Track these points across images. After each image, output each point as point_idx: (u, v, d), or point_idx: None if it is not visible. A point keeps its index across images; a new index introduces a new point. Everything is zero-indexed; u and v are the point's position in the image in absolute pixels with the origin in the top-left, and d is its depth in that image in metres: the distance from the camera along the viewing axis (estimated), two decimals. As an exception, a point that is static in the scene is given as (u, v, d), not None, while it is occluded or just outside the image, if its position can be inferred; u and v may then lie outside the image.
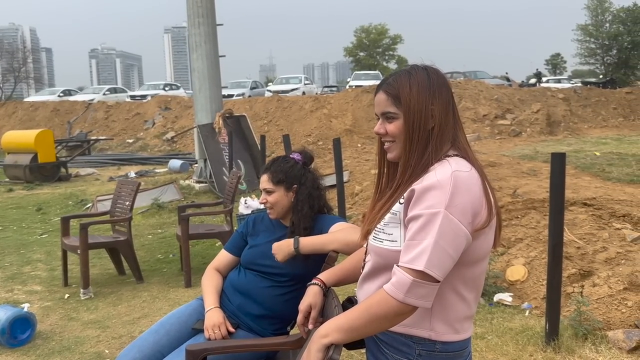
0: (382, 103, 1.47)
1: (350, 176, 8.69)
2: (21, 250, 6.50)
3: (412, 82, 1.44)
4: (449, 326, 1.43)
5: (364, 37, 52.81)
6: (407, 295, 1.31)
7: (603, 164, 8.72)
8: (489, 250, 1.46)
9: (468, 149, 1.45)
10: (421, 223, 1.33)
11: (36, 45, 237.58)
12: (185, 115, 20.12)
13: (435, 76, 1.46)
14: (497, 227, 1.45)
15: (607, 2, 43.81)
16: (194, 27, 9.78)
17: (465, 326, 1.47)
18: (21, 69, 44.64)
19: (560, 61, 62.25)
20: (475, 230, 1.37)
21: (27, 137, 12.21)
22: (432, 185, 1.34)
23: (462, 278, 1.42)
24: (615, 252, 4.21)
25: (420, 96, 1.42)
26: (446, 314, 1.42)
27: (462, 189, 1.33)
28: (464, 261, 1.39)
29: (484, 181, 1.41)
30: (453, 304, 1.43)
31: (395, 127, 1.46)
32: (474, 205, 1.35)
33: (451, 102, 1.47)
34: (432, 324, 1.42)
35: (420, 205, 1.34)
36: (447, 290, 1.41)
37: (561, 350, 3.27)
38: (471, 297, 1.46)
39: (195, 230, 5.23)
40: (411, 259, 1.32)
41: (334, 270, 1.83)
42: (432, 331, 1.42)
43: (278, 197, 2.38)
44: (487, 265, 1.51)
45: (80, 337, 3.89)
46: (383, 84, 1.49)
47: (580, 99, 19.16)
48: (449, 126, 1.45)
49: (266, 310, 2.32)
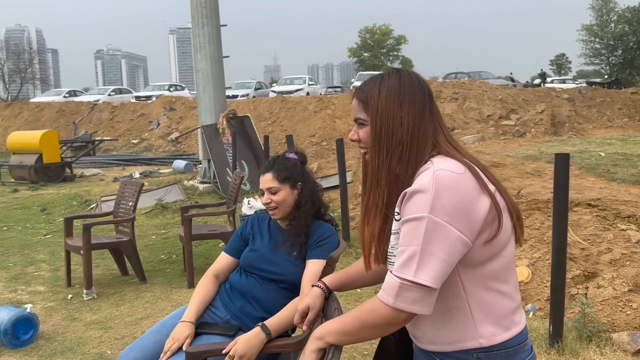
0: (355, 109, 1.45)
1: (354, 177, 8.68)
2: (25, 250, 6.52)
3: (382, 87, 1.39)
4: (497, 326, 1.36)
5: (369, 37, 52.87)
6: (397, 299, 1.26)
7: (608, 165, 8.68)
8: (508, 239, 1.37)
9: (454, 152, 1.38)
10: (407, 229, 1.29)
11: (42, 46, 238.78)
12: (190, 115, 20.16)
13: (407, 80, 1.40)
14: (515, 223, 1.38)
15: (612, 2, 43.70)
16: (198, 28, 9.80)
17: (515, 319, 1.39)
18: (27, 69, 44.92)
19: (565, 61, 62.11)
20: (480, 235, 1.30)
21: (32, 138, 12.25)
22: (415, 190, 1.29)
23: (490, 274, 1.35)
24: (620, 254, 4.18)
25: (388, 102, 1.37)
26: (490, 314, 1.35)
27: (447, 189, 1.27)
28: (484, 258, 1.33)
29: (479, 180, 1.33)
30: (493, 302, 1.36)
31: (365, 133, 1.43)
32: (463, 205, 1.27)
33: (427, 106, 1.39)
34: (479, 331, 1.35)
35: (406, 211, 1.30)
36: (481, 291, 1.35)
37: (565, 352, 3.25)
38: (509, 288, 1.39)
39: (199, 231, 5.23)
40: (399, 266, 1.28)
41: (339, 275, 1.79)
42: (481, 338, 1.35)
43: (284, 195, 2.34)
44: (513, 252, 1.41)
45: (83, 337, 3.89)
46: (357, 89, 1.47)
47: (585, 99, 19.08)
48: (425, 132, 1.38)
49: (268, 313, 2.31)
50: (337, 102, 17.05)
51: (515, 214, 1.39)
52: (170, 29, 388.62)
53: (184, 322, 2.25)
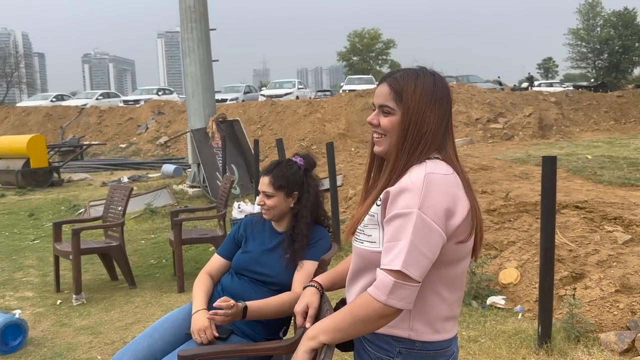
0: (383, 95, 1.47)
1: (344, 180, 8.71)
2: (13, 256, 6.46)
3: (418, 84, 1.44)
4: (428, 326, 1.44)
5: (357, 41, 53.00)
6: (390, 297, 1.32)
7: (595, 167, 8.77)
8: (469, 251, 1.47)
9: (454, 157, 1.46)
10: (396, 224, 1.35)
11: (28, 50, 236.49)
12: (179, 119, 20.08)
13: (440, 84, 1.47)
14: (477, 235, 1.46)
15: (599, 7, 44.19)
16: (186, 32, 9.78)
17: (447, 326, 1.47)
18: (13, 74, 44.52)
19: (552, 65, 62.69)
20: (454, 237, 1.38)
21: (19, 143, 12.15)
22: (405, 187, 1.36)
23: (441, 278, 1.43)
24: (607, 255, 4.23)
25: (422, 100, 1.43)
26: (426, 314, 1.44)
27: (435, 190, 1.35)
28: (443, 261, 1.40)
29: (465, 187, 1.42)
30: (433, 305, 1.44)
31: (389, 122, 1.46)
32: (448, 207, 1.36)
33: (448, 113, 1.47)
34: (412, 324, 1.43)
35: (395, 206, 1.36)
36: (427, 291, 1.42)
37: (554, 352, 3.28)
38: (452, 297, 1.47)
39: (189, 235, 5.22)
40: (389, 260, 1.33)
41: (329, 274, 1.83)
42: (411, 331, 1.44)
43: (277, 201, 2.37)
44: (467, 266, 1.52)
45: (73, 343, 3.87)
46: (389, 76, 1.49)
47: (572, 102, 19.27)
48: (439, 135, 1.45)
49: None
50: (326, 106, 17.08)
51: (479, 231, 1.47)
52: (158, 33, 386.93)
53: (198, 311, 2.28)
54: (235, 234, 2.53)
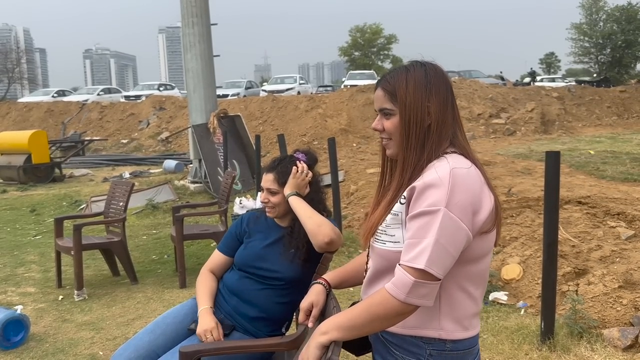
0: (380, 99, 1.47)
1: (346, 176, 8.69)
2: (15, 251, 6.46)
3: (409, 79, 1.43)
4: (457, 324, 1.42)
5: (359, 36, 52.79)
6: (409, 295, 1.31)
7: (597, 163, 8.76)
8: (492, 246, 1.46)
9: (467, 147, 1.44)
10: (422, 221, 1.32)
11: (30, 45, 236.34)
12: (180, 115, 20.06)
13: (433, 72, 1.44)
14: (497, 225, 1.44)
15: (602, 1, 43.98)
16: (188, 27, 9.75)
17: (473, 323, 1.46)
18: (15, 69, 44.45)
19: (555, 60, 62.40)
20: (480, 230, 1.36)
21: (20, 138, 12.14)
22: (431, 183, 1.33)
23: (468, 275, 1.41)
24: (610, 250, 4.22)
25: (417, 93, 1.41)
26: (455, 311, 1.42)
27: (461, 187, 1.32)
28: (468, 258, 1.38)
29: (485, 179, 1.41)
30: (461, 301, 1.42)
31: (391, 123, 1.45)
32: (474, 202, 1.34)
33: (449, 98, 1.45)
34: (441, 323, 1.41)
35: (421, 203, 1.34)
36: (454, 288, 1.40)
37: (556, 348, 3.27)
38: (477, 293, 1.45)
39: (190, 231, 5.21)
40: (412, 257, 1.31)
41: (337, 272, 1.82)
42: (441, 330, 1.41)
43: (282, 198, 2.35)
44: (490, 260, 1.50)
45: (74, 338, 3.87)
46: (381, 80, 1.49)
47: (575, 97, 19.23)
48: (447, 123, 1.43)
49: (261, 313, 2.31)
50: (328, 102, 17.05)
51: (499, 220, 1.45)
52: (159, 28, 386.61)
53: (204, 309, 2.28)
54: (237, 229, 2.51)
